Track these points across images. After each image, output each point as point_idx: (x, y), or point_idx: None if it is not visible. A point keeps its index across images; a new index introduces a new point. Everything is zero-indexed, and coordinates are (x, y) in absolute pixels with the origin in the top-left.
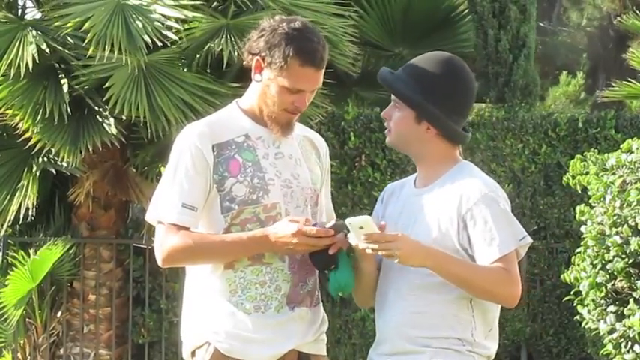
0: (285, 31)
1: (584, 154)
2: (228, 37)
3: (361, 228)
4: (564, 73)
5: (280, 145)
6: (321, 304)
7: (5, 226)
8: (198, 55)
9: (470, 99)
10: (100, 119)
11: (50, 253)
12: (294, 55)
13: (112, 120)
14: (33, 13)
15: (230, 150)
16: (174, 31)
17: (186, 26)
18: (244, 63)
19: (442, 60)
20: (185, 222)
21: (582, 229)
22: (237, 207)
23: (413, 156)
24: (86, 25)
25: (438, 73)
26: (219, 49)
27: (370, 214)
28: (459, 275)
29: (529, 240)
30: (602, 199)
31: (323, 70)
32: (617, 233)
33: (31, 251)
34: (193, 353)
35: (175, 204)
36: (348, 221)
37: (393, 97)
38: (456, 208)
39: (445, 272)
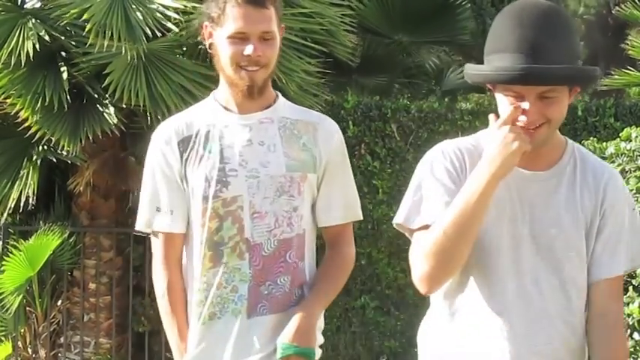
0: None
1: (584, 142)
2: None
3: None
4: None
5: (252, 131)
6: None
7: (5, 215)
8: (197, 44)
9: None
10: (100, 108)
11: (47, 240)
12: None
13: (111, 108)
14: (33, 2)
15: (197, 143)
16: (174, 21)
17: (185, 17)
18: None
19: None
20: (165, 228)
21: None
22: (200, 204)
23: None
24: (85, 15)
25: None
26: None
27: (369, 203)
28: None
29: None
30: None
31: (269, 12)
32: None
33: (31, 240)
34: None
35: (152, 209)
36: None
37: None
38: (595, 210)
39: None
